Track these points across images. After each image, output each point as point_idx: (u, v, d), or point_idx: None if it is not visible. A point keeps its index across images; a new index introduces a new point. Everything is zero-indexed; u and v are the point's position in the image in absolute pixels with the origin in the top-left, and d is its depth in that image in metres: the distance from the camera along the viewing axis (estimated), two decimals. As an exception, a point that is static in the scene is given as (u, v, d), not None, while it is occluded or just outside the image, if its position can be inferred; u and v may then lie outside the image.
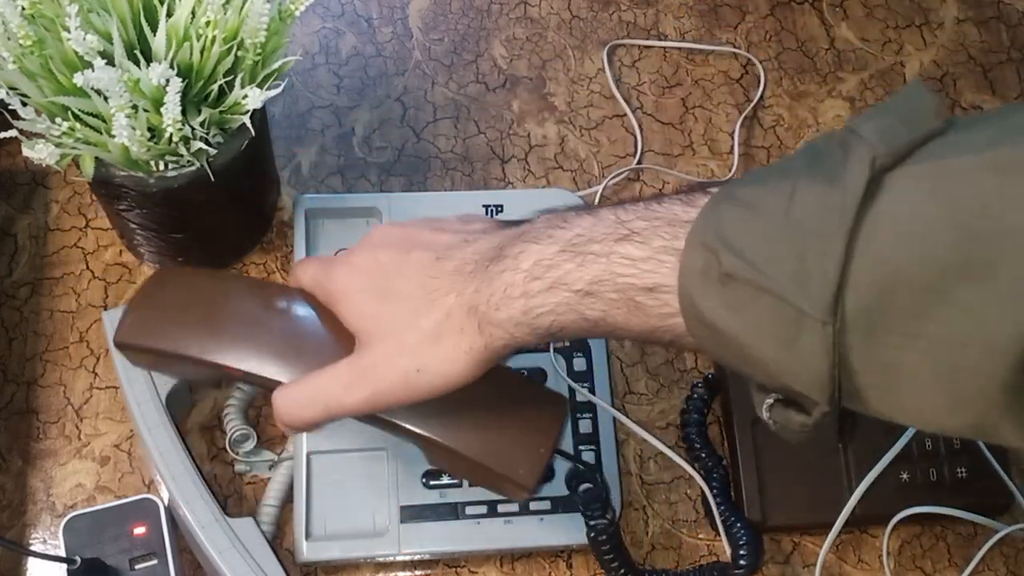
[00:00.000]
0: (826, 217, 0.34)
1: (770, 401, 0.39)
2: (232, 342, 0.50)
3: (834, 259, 0.34)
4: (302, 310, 0.51)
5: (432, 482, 0.59)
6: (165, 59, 0.50)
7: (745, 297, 0.36)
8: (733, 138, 0.73)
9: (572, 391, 0.61)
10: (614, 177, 0.70)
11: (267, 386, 0.50)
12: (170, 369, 0.57)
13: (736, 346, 0.37)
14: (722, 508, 0.60)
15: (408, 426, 0.49)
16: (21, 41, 0.48)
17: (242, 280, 0.53)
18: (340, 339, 0.48)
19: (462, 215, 0.50)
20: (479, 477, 0.53)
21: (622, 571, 0.57)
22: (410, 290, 0.45)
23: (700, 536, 0.62)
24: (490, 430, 0.50)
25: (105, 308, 0.63)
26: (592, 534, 0.56)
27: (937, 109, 0.36)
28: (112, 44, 0.48)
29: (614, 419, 0.62)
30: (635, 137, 0.72)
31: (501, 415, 0.50)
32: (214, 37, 0.50)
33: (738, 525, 0.59)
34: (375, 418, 0.49)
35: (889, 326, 0.34)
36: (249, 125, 0.52)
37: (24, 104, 0.49)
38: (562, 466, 0.59)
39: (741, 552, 0.58)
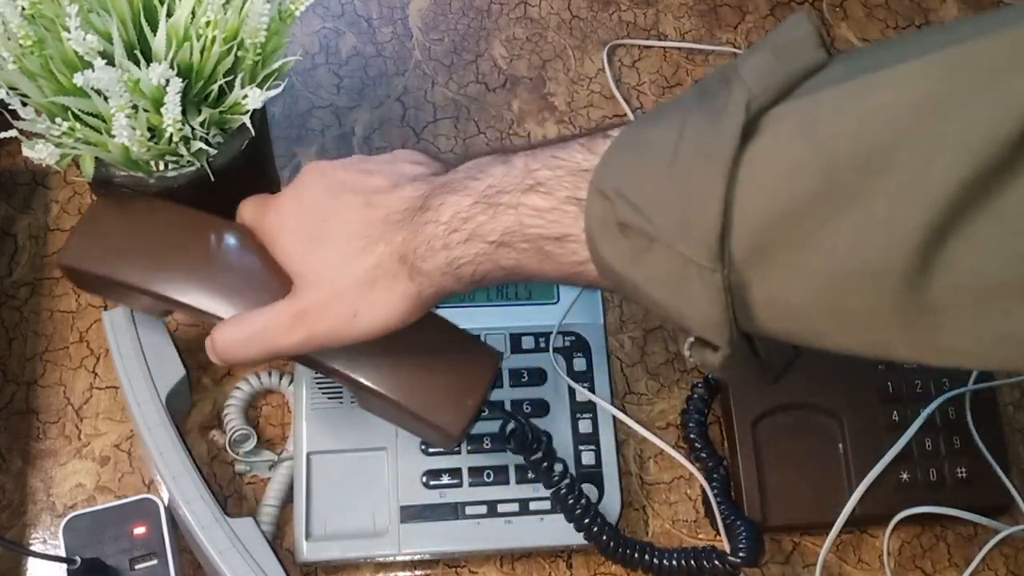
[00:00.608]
0: (707, 164, 0.35)
1: (691, 339, 0.39)
2: (175, 273, 0.50)
3: (714, 206, 0.34)
4: (244, 247, 0.51)
5: (432, 482, 0.59)
6: (165, 59, 0.50)
7: (639, 246, 0.37)
8: (733, 138, 0.73)
9: (572, 391, 0.61)
10: (614, 177, 0.70)
11: (204, 319, 0.50)
12: (113, 295, 0.56)
13: (638, 293, 0.38)
14: (723, 506, 0.60)
15: (340, 369, 0.50)
16: (21, 41, 0.48)
17: (188, 212, 0.52)
18: (280, 278, 0.49)
19: (393, 152, 0.50)
20: (407, 423, 0.53)
21: (588, 514, 0.57)
22: (341, 235, 0.46)
23: (700, 536, 0.62)
24: (420, 377, 0.50)
25: (105, 308, 0.63)
26: (546, 480, 0.57)
27: (817, 41, 0.36)
28: (112, 44, 0.48)
29: (614, 419, 0.62)
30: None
31: (433, 363, 0.51)
32: (214, 37, 0.50)
33: (738, 523, 0.59)
34: (309, 359, 0.50)
35: (774, 263, 0.34)
36: (249, 125, 0.52)
37: (24, 104, 0.49)
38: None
39: (740, 545, 0.58)
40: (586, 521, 0.57)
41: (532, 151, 0.42)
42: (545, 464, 0.57)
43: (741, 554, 0.57)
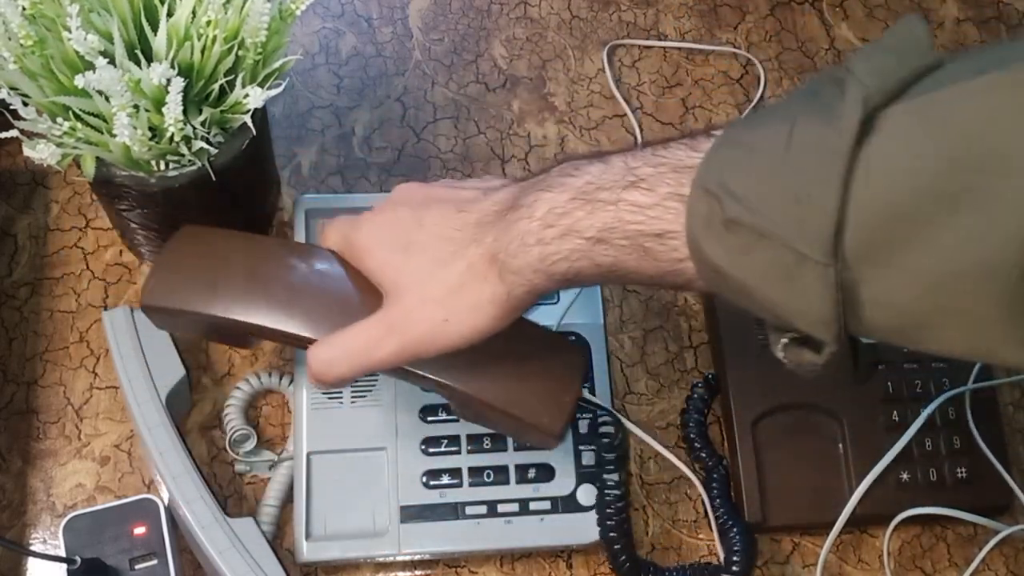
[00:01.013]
0: (822, 160, 0.35)
1: (785, 340, 0.39)
2: (261, 301, 0.50)
3: (831, 202, 0.34)
4: (331, 269, 0.51)
5: (432, 482, 0.59)
6: (166, 59, 0.50)
7: (748, 242, 0.37)
8: (733, 138, 0.73)
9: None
10: (614, 177, 0.70)
11: (297, 344, 0.50)
12: (196, 330, 0.57)
13: (743, 290, 0.38)
14: (720, 511, 0.60)
15: (438, 378, 0.50)
16: (22, 41, 0.48)
17: (268, 240, 0.53)
18: (369, 296, 0.49)
19: (482, 176, 0.51)
20: (507, 426, 0.54)
21: (619, 527, 0.58)
22: (432, 242, 0.46)
23: (700, 536, 0.62)
24: (517, 380, 0.50)
25: (105, 308, 0.63)
26: (602, 481, 0.58)
27: (929, 42, 0.36)
28: (113, 44, 0.48)
29: (614, 419, 0.62)
30: (635, 137, 0.72)
31: (525, 363, 0.51)
32: (215, 36, 0.50)
33: (735, 530, 0.59)
34: (405, 371, 0.50)
35: (887, 260, 0.34)
36: (250, 124, 0.52)
37: (25, 104, 0.49)
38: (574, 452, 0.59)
39: (734, 559, 0.58)
40: (612, 535, 0.57)
41: (630, 151, 0.42)
42: (612, 467, 0.58)
43: (734, 568, 0.58)
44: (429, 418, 0.59)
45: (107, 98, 0.48)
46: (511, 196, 0.45)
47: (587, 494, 0.59)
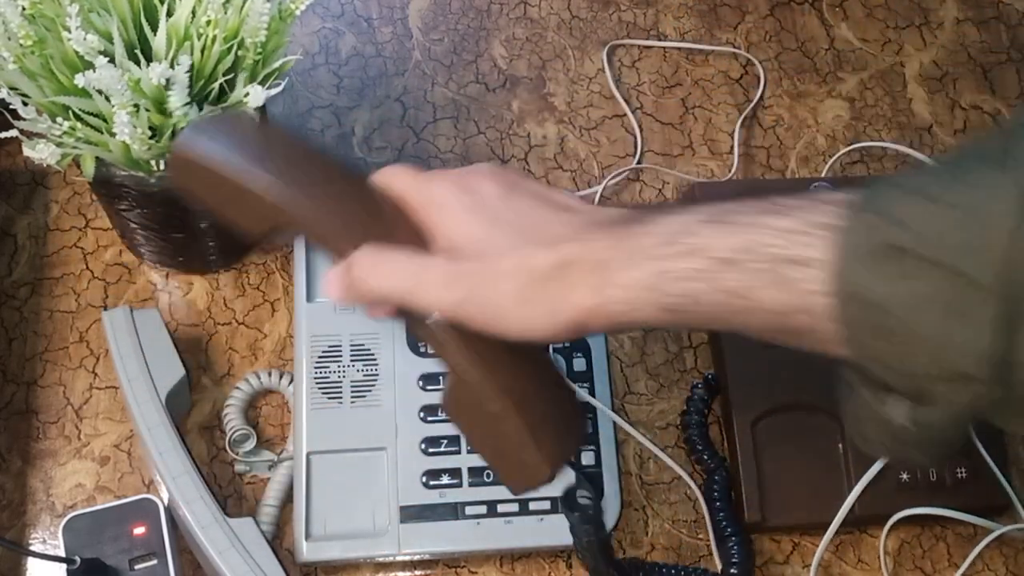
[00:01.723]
0: (996, 197, 0.34)
1: (908, 411, 0.38)
2: (308, 189, 0.45)
3: (1004, 233, 0.33)
4: (384, 195, 0.46)
5: (432, 482, 0.59)
6: (166, 58, 0.50)
7: (910, 269, 0.35)
8: (733, 138, 0.73)
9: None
10: (614, 177, 0.70)
11: (327, 246, 0.45)
12: (215, 200, 0.48)
13: (893, 325, 0.36)
14: (719, 516, 0.60)
15: (467, 354, 0.44)
16: (22, 41, 0.48)
17: (327, 153, 0.49)
18: (418, 237, 0.45)
19: (558, 188, 0.49)
20: (496, 441, 0.47)
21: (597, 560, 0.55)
22: (525, 225, 0.43)
23: (700, 536, 0.62)
24: (537, 398, 0.46)
25: (105, 308, 0.63)
26: (581, 553, 0.55)
27: None
28: (112, 44, 0.49)
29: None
30: (635, 137, 0.72)
31: (550, 395, 0.47)
32: (214, 36, 0.50)
33: (733, 539, 0.59)
34: (431, 332, 0.44)
35: None
36: (250, 125, 0.52)
37: (25, 104, 0.50)
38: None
39: (732, 572, 0.58)
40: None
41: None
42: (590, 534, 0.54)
43: None
44: (429, 418, 0.59)
45: (107, 98, 0.48)
46: (625, 214, 0.43)
47: (587, 494, 0.59)
